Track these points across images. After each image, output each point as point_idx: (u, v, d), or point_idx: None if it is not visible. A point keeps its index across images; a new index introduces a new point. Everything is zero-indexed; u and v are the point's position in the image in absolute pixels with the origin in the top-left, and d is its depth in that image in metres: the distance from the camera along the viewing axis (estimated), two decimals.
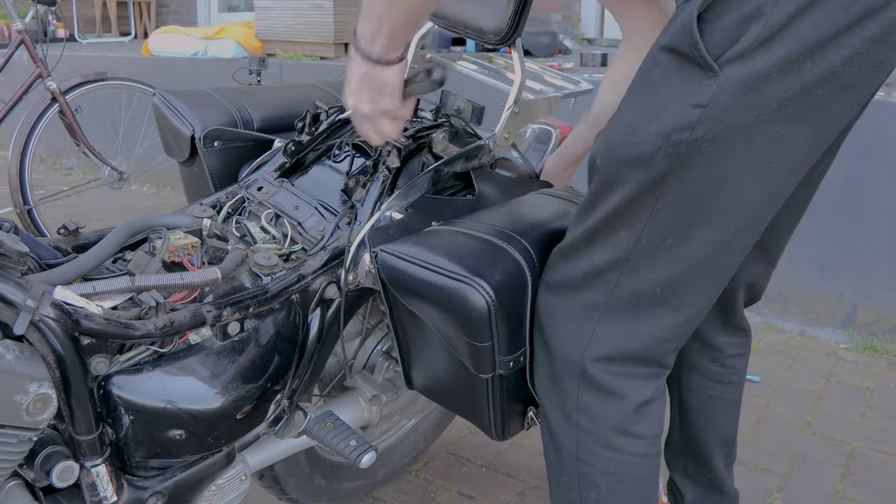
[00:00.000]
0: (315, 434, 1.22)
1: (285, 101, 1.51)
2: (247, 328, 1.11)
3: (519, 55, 1.30)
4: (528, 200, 1.29)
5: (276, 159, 1.36)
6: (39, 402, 0.92)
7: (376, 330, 1.47)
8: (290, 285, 1.15)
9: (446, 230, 1.16)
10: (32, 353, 0.92)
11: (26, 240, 1.03)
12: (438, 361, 1.16)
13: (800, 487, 1.83)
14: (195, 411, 1.06)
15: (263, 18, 4.03)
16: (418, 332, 1.16)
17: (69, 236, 1.13)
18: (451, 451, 1.97)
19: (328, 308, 1.21)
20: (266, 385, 1.14)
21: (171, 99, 1.43)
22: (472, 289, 1.03)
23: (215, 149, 1.39)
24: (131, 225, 1.12)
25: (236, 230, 1.25)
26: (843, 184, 2.53)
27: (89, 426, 0.98)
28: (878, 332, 2.55)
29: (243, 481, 1.22)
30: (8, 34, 5.56)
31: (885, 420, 2.12)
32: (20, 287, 0.90)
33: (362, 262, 1.20)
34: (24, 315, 0.89)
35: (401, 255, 1.11)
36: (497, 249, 1.10)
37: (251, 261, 1.15)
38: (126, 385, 1.01)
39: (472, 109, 1.39)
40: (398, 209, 1.24)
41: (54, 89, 3.13)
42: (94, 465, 1.00)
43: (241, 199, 1.31)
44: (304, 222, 1.26)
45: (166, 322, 1.01)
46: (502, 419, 1.15)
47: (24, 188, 3.12)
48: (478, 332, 1.05)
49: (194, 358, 1.06)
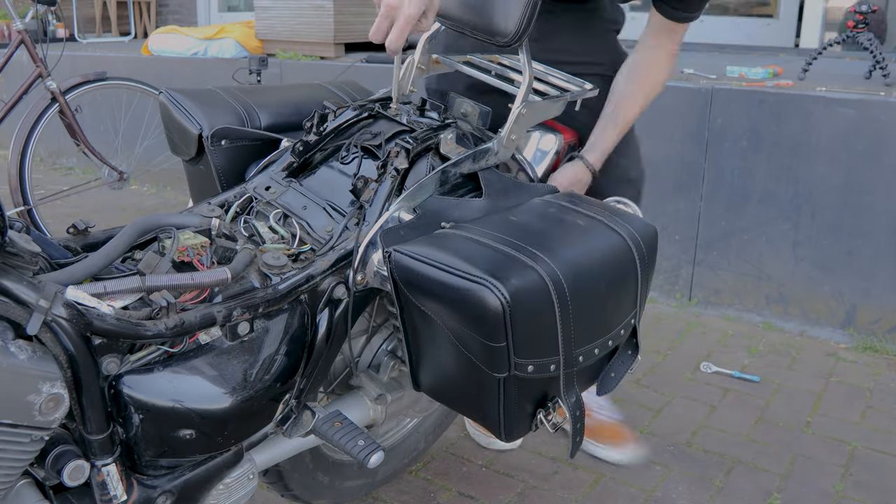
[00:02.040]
0: (323, 434, 1.22)
1: (292, 101, 1.51)
2: (256, 328, 1.11)
3: (526, 56, 1.30)
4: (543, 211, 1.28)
5: (284, 159, 1.36)
6: (52, 402, 0.92)
7: (382, 329, 1.47)
8: (299, 285, 1.16)
9: (461, 235, 1.16)
10: (45, 352, 0.92)
11: (38, 239, 1.03)
12: (449, 362, 1.16)
13: (800, 487, 1.84)
14: (205, 411, 1.06)
15: (263, 18, 4.04)
16: (429, 332, 1.16)
17: (78, 235, 1.14)
18: (451, 451, 1.98)
19: (336, 308, 1.22)
20: (275, 385, 1.14)
21: (179, 97, 1.43)
22: (487, 289, 1.03)
23: (222, 147, 1.39)
24: (140, 224, 1.12)
25: (245, 230, 1.25)
26: (842, 184, 2.54)
27: (100, 425, 0.99)
28: (878, 332, 2.56)
29: (251, 480, 1.22)
30: (8, 34, 5.55)
31: (885, 420, 2.13)
32: (33, 287, 0.90)
33: (370, 262, 1.20)
34: (37, 315, 0.89)
35: (415, 256, 1.11)
36: (518, 262, 1.09)
37: (260, 261, 1.16)
38: (137, 385, 1.01)
39: (479, 112, 1.39)
40: (406, 210, 1.24)
41: (54, 89, 3.12)
42: (104, 465, 1.00)
43: (249, 198, 1.31)
44: (312, 222, 1.26)
45: (177, 322, 1.02)
46: (511, 420, 1.15)
47: (24, 188, 3.12)
48: (492, 332, 1.05)
49: (204, 358, 1.07)
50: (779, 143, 2.62)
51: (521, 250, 1.12)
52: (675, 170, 2.81)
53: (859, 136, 2.48)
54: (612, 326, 1.23)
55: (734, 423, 2.11)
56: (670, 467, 1.91)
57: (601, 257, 1.18)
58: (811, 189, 2.59)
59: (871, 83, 2.78)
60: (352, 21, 3.89)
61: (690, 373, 2.39)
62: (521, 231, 1.18)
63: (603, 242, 1.20)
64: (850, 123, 2.49)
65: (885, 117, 2.44)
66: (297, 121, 1.47)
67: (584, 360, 1.18)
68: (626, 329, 1.27)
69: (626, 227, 1.24)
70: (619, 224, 1.24)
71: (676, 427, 2.09)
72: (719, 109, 2.70)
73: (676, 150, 2.80)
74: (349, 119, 1.39)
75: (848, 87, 2.64)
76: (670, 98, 2.78)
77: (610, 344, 1.23)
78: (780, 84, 2.74)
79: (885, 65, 2.78)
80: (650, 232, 1.27)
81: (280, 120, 1.46)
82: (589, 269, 1.15)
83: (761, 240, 2.71)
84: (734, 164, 2.70)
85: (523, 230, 1.18)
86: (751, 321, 2.75)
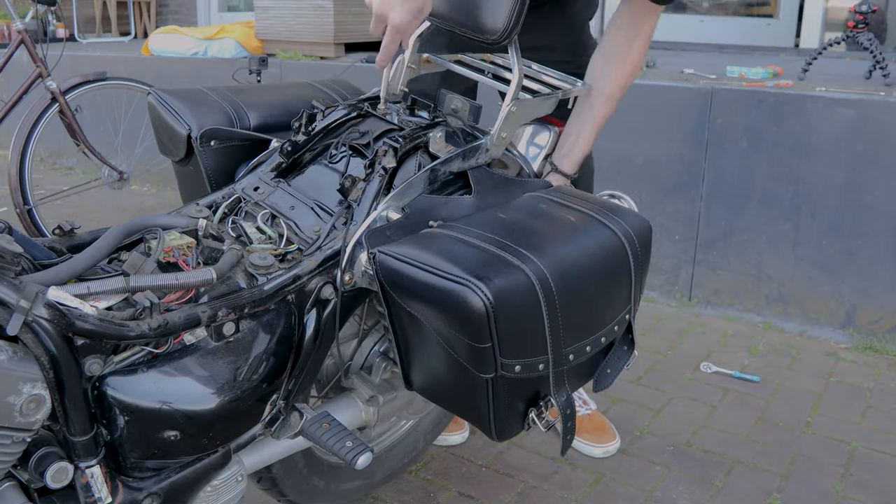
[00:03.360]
0: (311, 435, 1.21)
1: (281, 100, 1.50)
2: (242, 329, 1.11)
3: (516, 54, 1.29)
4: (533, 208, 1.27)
5: (273, 159, 1.36)
6: (33, 403, 0.91)
7: (373, 331, 1.46)
8: (286, 286, 1.15)
9: (447, 234, 1.15)
10: (26, 353, 0.92)
11: (20, 240, 1.02)
12: (438, 362, 1.15)
13: (800, 487, 1.83)
14: (190, 412, 1.06)
15: (263, 18, 4.03)
16: (417, 332, 1.15)
17: (64, 236, 1.13)
18: (451, 451, 1.97)
19: (324, 308, 1.21)
20: (261, 386, 1.13)
21: (167, 98, 1.43)
22: (471, 291, 1.02)
23: (211, 148, 1.39)
24: (126, 225, 1.12)
25: (232, 230, 1.24)
26: (842, 184, 2.52)
27: (84, 427, 0.98)
28: (878, 332, 2.55)
29: (239, 482, 1.21)
30: (8, 34, 5.55)
31: (885, 420, 2.11)
32: (13, 287, 0.89)
33: (358, 262, 1.19)
34: (18, 315, 0.89)
35: (399, 257, 1.11)
36: (503, 262, 1.08)
37: (247, 261, 1.15)
38: (120, 386, 1.00)
39: (469, 108, 1.38)
40: (395, 209, 1.23)
41: (54, 89, 3.13)
42: (88, 466, 0.99)
43: (237, 199, 1.31)
44: (300, 222, 1.25)
45: (161, 322, 1.01)
46: (502, 420, 1.14)
47: (23, 188, 3.12)
48: (476, 333, 1.04)
49: (189, 358, 1.06)
50: (779, 143, 2.60)
51: (508, 249, 1.10)
52: (675, 170, 2.80)
53: (859, 136, 2.47)
54: (605, 323, 1.22)
55: (734, 423, 2.09)
56: (670, 467, 1.90)
57: (592, 254, 1.16)
58: (811, 189, 2.58)
59: (871, 83, 2.76)
60: (352, 21, 3.88)
61: (690, 373, 2.38)
62: (509, 229, 1.16)
63: (594, 238, 1.18)
64: (850, 123, 2.48)
65: (885, 117, 2.43)
66: (286, 120, 1.46)
67: (574, 359, 1.17)
68: (620, 325, 1.26)
69: (619, 223, 1.23)
70: (612, 219, 1.23)
71: (676, 427, 2.08)
72: (719, 109, 2.69)
73: (676, 150, 2.79)
74: (338, 118, 1.38)
75: (848, 87, 2.63)
76: (670, 98, 2.76)
77: (603, 341, 1.22)
78: (780, 84, 2.73)
79: (885, 65, 2.77)
80: (644, 226, 1.26)
81: (269, 119, 1.45)
82: (578, 267, 1.14)
83: (761, 240, 2.70)
84: (734, 164, 2.69)
85: (511, 228, 1.17)
86: (751, 321, 2.74)
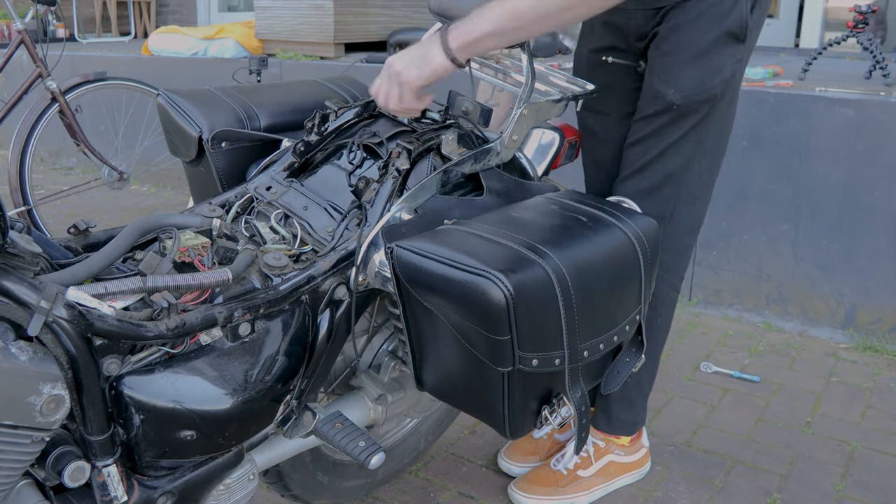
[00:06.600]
0: (324, 434, 1.22)
1: (291, 100, 1.51)
2: (257, 329, 1.11)
3: (528, 57, 1.30)
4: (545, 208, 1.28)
5: (285, 159, 1.36)
6: (52, 403, 0.92)
7: (383, 329, 1.47)
8: (300, 286, 1.16)
9: (463, 231, 1.16)
10: (45, 353, 0.92)
11: (38, 240, 1.03)
12: (453, 359, 1.16)
13: (800, 487, 1.84)
14: (206, 412, 1.06)
15: (263, 18, 4.03)
16: (432, 328, 1.16)
17: (79, 236, 1.14)
18: (451, 451, 1.97)
19: (337, 309, 1.22)
20: (275, 385, 1.14)
21: (177, 99, 1.43)
22: (491, 283, 1.03)
23: (223, 149, 1.39)
24: (141, 225, 1.12)
25: (245, 230, 1.25)
26: (842, 184, 2.54)
27: (101, 426, 0.98)
28: (878, 332, 2.56)
29: (251, 481, 1.22)
30: (8, 34, 5.54)
31: (885, 420, 2.13)
32: (34, 288, 0.90)
33: (372, 263, 1.20)
34: (38, 316, 0.89)
35: (417, 251, 1.11)
36: (520, 256, 1.09)
37: (261, 261, 1.16)
38: (138, 386, 1.01)
39: (480, 111, 1.39)
40: (408, 210, 1.24)
41: (54, 89, 3.12)
42: (105, 465, 1.00)
43: (250, 198, 1.31)
44: (313, 223, 1.26)
45: (178, 323, 1.02)
46: (516, 416, 1.15)
47: (24, 188, 3.12)
48: (496, 325, 1.05)
49: (205, 359, 1.07)
50: (779, 142, 2.62)
51: (525, 245, 1.12)
52: None
53: (859, 136, 2.48)
54: (617, 322, 1.23)
55: (734, 423, 2.11)
56: (670, 467, 1.91)
57: (605, 253, 1.18)
58: (811, 189, 2.59)
59: (871, 83, 2.78)
60: (352, 21, 3.89)
61: (690, 373, 2.39)
62: (524, 227, 1.18)
63: (606, 238, 1.20)
64: (850, 123, 2.49)
65: (885, 117, 2.44)
66: (296, 120, 1.47)
67: (588, 355, 1.18)
68: (631, 325, 1.27)
69: (629, 224, 1.24)
70: (622, 220, 1.24)
71: (676, 427, 2.09)
72: None
73: None
74: (350, 119, 1.39)
75: (848, 87, 2.64)
76: None
77: (615, 339, 1.23)
78: (780, 84, 2.74)
79: (885, 65, 2.78)
80: (652, 228, 1.27)
81: (280, 119, 1.46)
82: (593, 265, 1.15)
83: (761, 240, 2.71)
84: (734, 164, 2.70)
85: (526, 226, 1.18)
86: (751, 321, 2.75)
